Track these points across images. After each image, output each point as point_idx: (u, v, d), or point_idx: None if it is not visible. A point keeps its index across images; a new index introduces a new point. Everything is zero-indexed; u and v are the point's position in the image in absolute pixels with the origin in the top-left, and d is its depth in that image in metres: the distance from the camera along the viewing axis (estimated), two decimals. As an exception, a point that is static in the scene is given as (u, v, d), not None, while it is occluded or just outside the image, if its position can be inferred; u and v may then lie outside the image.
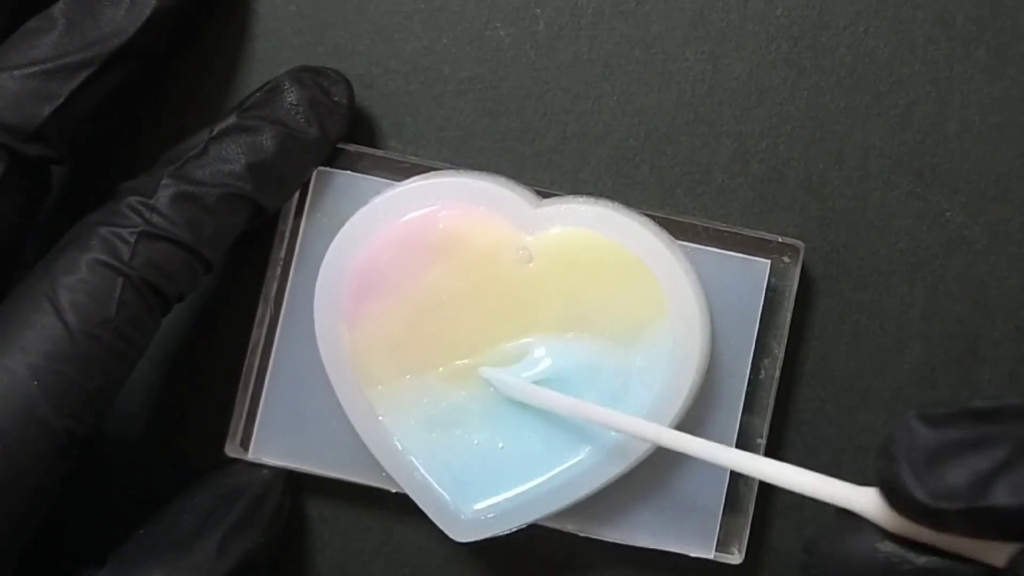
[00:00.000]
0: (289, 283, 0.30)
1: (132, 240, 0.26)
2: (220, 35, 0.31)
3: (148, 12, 0.27)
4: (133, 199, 0.26)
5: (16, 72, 0.26)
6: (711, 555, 0.29)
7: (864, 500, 0.23)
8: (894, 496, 0.21)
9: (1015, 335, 0.30)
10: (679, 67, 0.30)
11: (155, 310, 0.26)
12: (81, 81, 0.27)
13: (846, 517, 0.23)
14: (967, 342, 0.30)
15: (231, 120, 0.28)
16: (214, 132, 0.28)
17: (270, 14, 0.31)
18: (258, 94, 0.28)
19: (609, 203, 0.29)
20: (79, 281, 0.25)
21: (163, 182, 0.26)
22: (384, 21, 0.31)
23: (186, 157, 0.27)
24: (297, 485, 0.30)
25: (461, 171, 0.29)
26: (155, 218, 0.26)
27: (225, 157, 0.27)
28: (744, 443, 0.29)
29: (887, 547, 0.22)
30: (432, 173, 0.29)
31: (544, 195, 0.29)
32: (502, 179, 0.29)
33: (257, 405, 0.30)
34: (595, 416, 0.28)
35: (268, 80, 0.29)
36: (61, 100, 0.27)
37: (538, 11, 0.31)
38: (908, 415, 0.21)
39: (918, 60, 0.30)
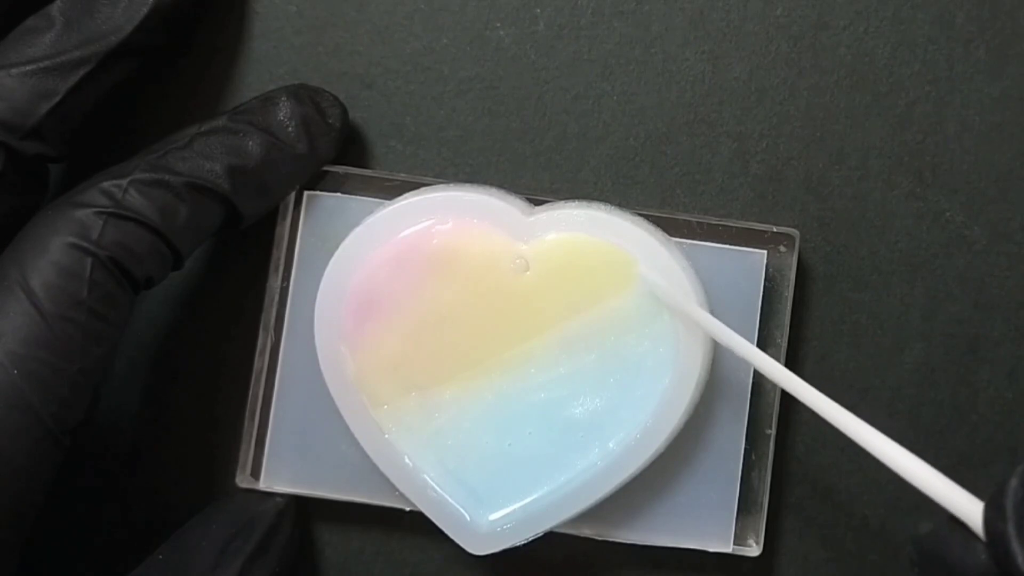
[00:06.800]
0: (288, 309, 0.30)
1: (101, 221, 0.25)
2: (219, 34, 0.31)
3: (145, 10, 0.27)
4: (106, 183, 0.26)
5: (14, 70, 0.26)
6: (729, 548, 0.29)
7: (978, 517, 0.21)
8: (998, 553, 0.20)
9: (1015, 335, 0.30)
10: (679, 67, 0.30)
11: (127, 288, 0.26)
12: (79, 79, 0.27)
13: (958, 527, 0.21)
14: (967, 342, 0.30)
15: (221, 121, 0.28)
16: (202, 128, 0.27)
17: (270, 14, 0.31)
18: (254, 102, 0.28)
19: (601, 205, 0.29)
20: (49, 264, 0.25)
21: (140, 167, 0.26)
22: (384, 21, 0.31)
23: (169, 148, 0.27)
24: (301, 500, 0.30)
25: (451, 185, 0.29)
26: (126, 199, 0.26)
27: (207, 154, 0.27)
28: (753, 433, 0.29)
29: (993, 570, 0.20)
30: (423, 189, 0.29)
31: (536, 202, 0.29)
32: (493, 189, 0.29)
33: (265, 434, 0.29)
34: (745, 351, 0.26)
35: (267, 89, 0.29)
36: (59, 98, 0.27)
37: (538, 11, 0.30)
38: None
39: (918, 60, 0.30)
